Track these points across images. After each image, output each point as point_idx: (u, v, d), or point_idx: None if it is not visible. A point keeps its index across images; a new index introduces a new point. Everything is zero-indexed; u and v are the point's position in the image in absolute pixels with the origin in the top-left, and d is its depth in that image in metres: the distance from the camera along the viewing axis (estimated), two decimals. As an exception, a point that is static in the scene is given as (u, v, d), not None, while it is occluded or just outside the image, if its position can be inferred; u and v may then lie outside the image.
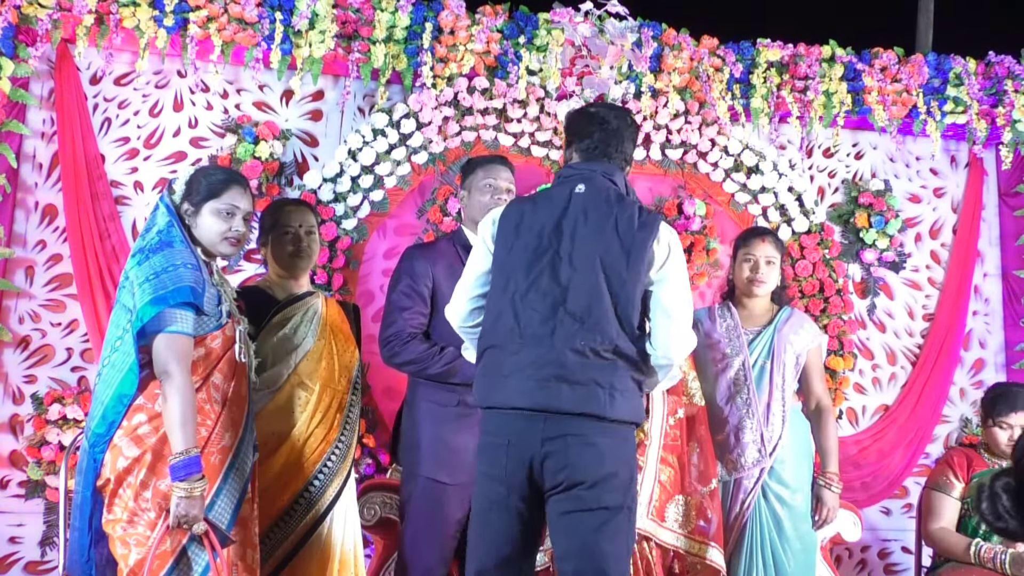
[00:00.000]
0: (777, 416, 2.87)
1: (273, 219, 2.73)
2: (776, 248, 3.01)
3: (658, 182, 4.08)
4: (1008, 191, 4.35)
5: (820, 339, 3.07)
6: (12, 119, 3.49)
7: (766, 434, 2.85)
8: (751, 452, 2.84)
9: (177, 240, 2.23)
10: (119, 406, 2.14)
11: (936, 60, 4.20)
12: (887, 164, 4.33)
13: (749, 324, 3.00)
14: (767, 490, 2.85)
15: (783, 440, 2.86)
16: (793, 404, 2.96)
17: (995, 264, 4.36)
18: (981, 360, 4.30)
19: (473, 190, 2.83)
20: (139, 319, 2.12)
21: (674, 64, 3.95)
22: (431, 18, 3.78)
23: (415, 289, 2.72)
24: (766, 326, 2.97)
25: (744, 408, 2.88)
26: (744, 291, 3.01)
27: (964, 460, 3.08)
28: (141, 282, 2.15)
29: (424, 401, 2.71)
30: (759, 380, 2.91)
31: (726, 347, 2.95)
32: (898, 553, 4.12)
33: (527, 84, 3.82)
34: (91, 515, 2.18)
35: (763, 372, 2.91)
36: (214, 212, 2.28)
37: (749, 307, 3.03)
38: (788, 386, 2.92)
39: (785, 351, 2.92)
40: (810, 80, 4.05)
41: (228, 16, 3.58)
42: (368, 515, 3.02)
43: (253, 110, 3.80)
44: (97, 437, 2.16)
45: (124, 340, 2.15)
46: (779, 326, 2.95)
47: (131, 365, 2.12)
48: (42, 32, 3.43)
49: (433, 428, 2.67)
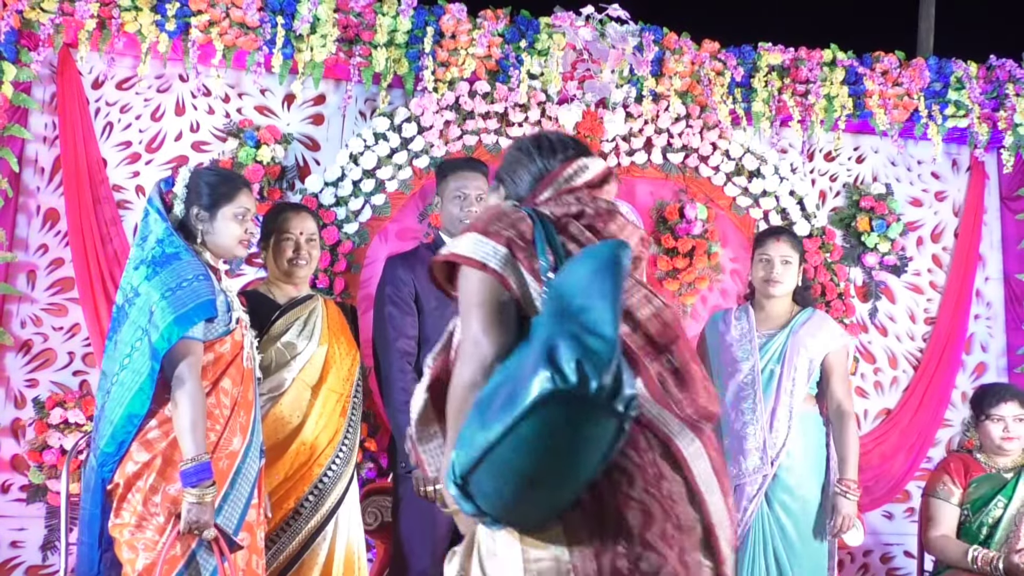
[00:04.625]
0: (783, 422, 2.82)
1: (274, 224, 2.73)
2: (793, 247, 2.96)
3: (659, 186, 4.08)
4: (1010, 195, 4.35)
5: (843, 340, 2.98)
6: (14, 123, 3.50)
7: (769, 440, 2.80)
8: (753, 458, 2.81)
9: (183, 250, 2.20)
10: (129, 426, 2.12)
11: (937, 64, 4.20)
12: (888, 168, 4.32)
13: (765, 326, 2.95)
14: (771, 497, 2.82)
15: (789, 447, 2.82)
16: (807, 409, 2.90)
17: (997, 268, 4.36)
18: (983, 364, 4.30)
19: (444, 198, 2.78)
20: (165, 339, 2.08)
21: (675, 68, 3.95)
22: (432, 22, 3.78)
23: (400, 296, 2.72)
24: (781, 329, 2.92)
25: (749, 413, 2.84)
26: (761, 292, 2.97)
27: (961, 466, 3.07)
28: (157, 300, 2.11)
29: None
30: (767, 385, 2.86)
31: (737, 351, 2.91)
32: (900, 557, 4.11)
33: (528, 88, 3.83)
34: (100, 531, 2.18)
35: (772, 377, 2.87)
36: (231, 217, 2.27)
37: (767, 308, 2.98)
38: (798, 391, 2.86)
39: (798, 355, 2.86)
40: (811, 84, 4.05)
41: (230, 20, 3.59)
42: (370, 519, 3.02)
43: (255, 114, 3.81)
44: (106, 456, 2.14)
45: (134, 359, 2.13)
46: (795, 328, 2.90)
47: (142, 384, 2.10)
48: (44, 36, 3.43)
49: None
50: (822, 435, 2.91)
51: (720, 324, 3.00)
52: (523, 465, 1.15)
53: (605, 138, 3.92)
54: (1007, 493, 2.97)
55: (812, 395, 2.94)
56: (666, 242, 3.96)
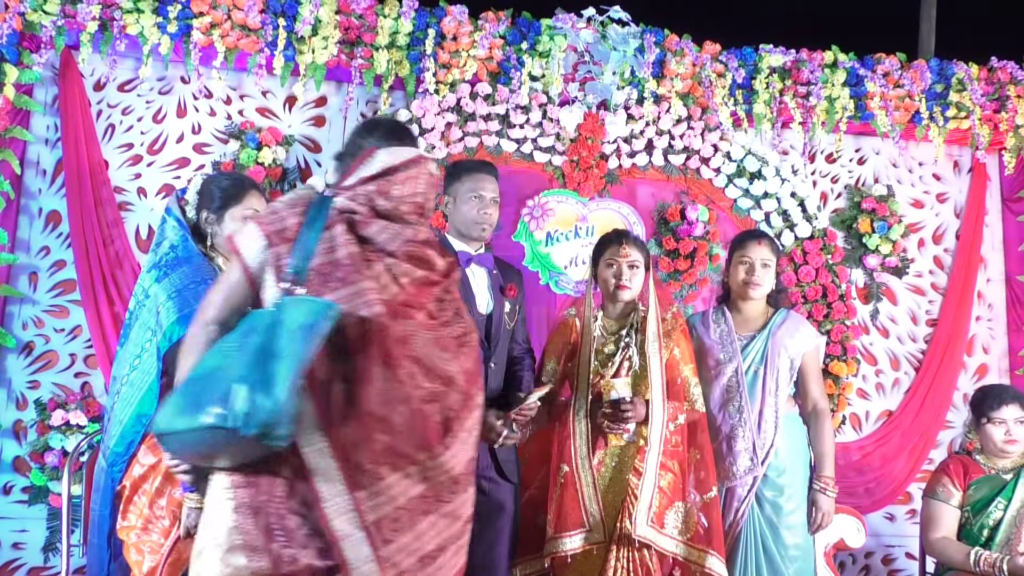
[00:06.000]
0: (770, 423, 2.84)
1: None
2: (772, 251, 2.98)
3: (661, 188, 4.08)
4: (1011, 196, 4.35)
5: (817, 341, 3.03)
6: (16, 125, 3.51)
7: (758, 442, 2.82)
8: (743, 460, 2.82)
9: (194, 254, 2.23)
10: (138, 425, 2.14)
11: (939, 65, 4.20)
12: (890, 169, 4.32)
13: (743, 328, 2.97)
14: (762, 497, 2.83)
15: (777, 447, 2.83)
16: (789, 409, 2.92)
17: (998, 269, 4.36)
18: (985, 365, 4.29)
19: (459, 199, 2.76)
20: (167, 339, 2.12)
21: (676, 70, 3.96)
22: (434, 24, 3.78)
23: None
24: (760, 330, 2.94)
25: (736, 415, 2.85)
26: (739, 294, 2.99)
27: (960, 468, 3.06)
28: (164, 300, 2.15)
29: None
30: (752, 386, 2.87)
31: (719, 353, 2.92)
32: (902, 559, 4.10)
33: (530, 90, 3.83)
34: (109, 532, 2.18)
35: (756, 378, 2.88)
36: (239, 218, 2.28)
37: (744, 311, 2.99)
38: (782, 391, 2.88)
39: (779, 356, 2.88)
40: (813, 85, 4.05)
41: (231, 22, 3.59)
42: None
43: (256, 116, 3.81)
44: (116, 456, 2.16)
45: (143, 359, 2.15)
46: (773, 330, 2.92)
47: (151, 384, 2.12)
48: (46, 39, 3.44)
49: None
50: (803, 434, 2.94)
51: (699, 327, 3.00)
52: (194, 449, 1.54)
53: (606, 140, 3.92)
54: (1007, 495, 2.96)
55: (792, 396, 2.96)
56: (667, 244, 3.97)
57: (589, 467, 2.65)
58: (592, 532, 2.59)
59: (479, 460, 2.62)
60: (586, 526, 2.60)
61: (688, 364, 2.78)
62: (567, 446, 2.68)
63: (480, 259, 2.75)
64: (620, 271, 2.77)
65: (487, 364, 2.69)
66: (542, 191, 3.94)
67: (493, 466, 2.65)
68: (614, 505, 2.64)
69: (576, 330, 2.84)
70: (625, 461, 2.69)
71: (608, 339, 2.81)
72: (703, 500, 2.70)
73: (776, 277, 3.00)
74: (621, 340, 2.77)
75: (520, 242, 3.92)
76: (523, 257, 3.90)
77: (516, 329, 2.79)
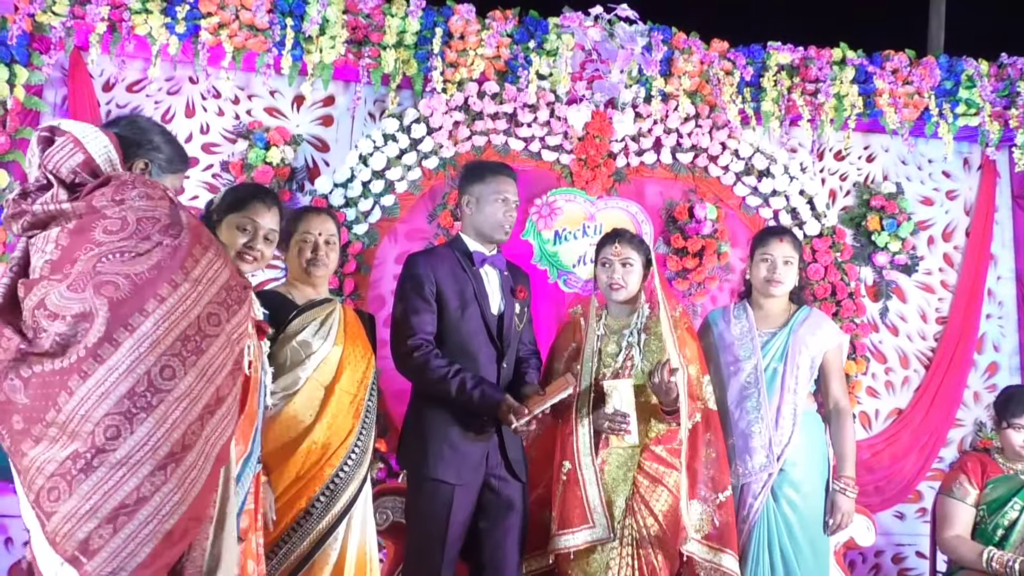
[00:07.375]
0: (787, 420, 2.83)
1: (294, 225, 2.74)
2: (794, 248, 2.98)
3: (669, 186, 4.07)
4: (1021, 193, 4.33)
5: (840, 339, 3.01)
6: (26, 126, 3.51)
7: (775, 439, 2.81)
8: (759, 457, 2.81)
9: None
10: None
11: (948, 62, 4.18)
12: (899, 167, 4.31)
13: (765, 325, 2.96)
14: (777, 494, 2.82)
15: (793, 444, 2.83)
16: (808, 406, 2.92)
17: (1009, 267, 4.34)
18: (995, 364, 4.28)
19: (483, 200, 2.75)
20: None
21: (684, 68, 3.95)
22: (441, 23, 3.78)
23: (422, 293, 2.72)
24: (782, 327, 2.93)
25: (754, 412, 2.84)
26: (761, 291, 2.98)
27: (978, 466, 3.06)
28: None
29: (429, 401, 2.70)
30: (771, 384, 2.87)
31: (739, 350, 2.92)
32: (912, 558, 4.09)
33: (537, 89, 3.83)
34: None
35: (775, 375, 2.87)
36: (232, 225, 2.29)
37: (766, 307, 2.99)
38: (801, 389, 2.87)
39: (800, 353, 2.88)
40: (821, 83, 4.04)
41: (239, 22, 3.60)
42: (380, 519, 3.03)
43: (264, 116, 3.82)
44: None
45: None
46: (795, 327, 2.91)
47: None
48: (55, 40, 3.45)
49: (438, 428, 2.67)
50: (822, 432, 2.93)
51: (719, 323, 3.00)
52: None
53: (614, 138, 3.92)
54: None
55: (812, 393, 2.95)
56: (676, 242, 3.96)
57: (592, 465, 2.65)
58: (596, 529, 2.59)
59: (489, 458, 2.67)
60: (589, 523, 2.60)
61: (694, 364, 2.77)
62: (569, 443, 2.68)
63: (494, 260, 2.76)
64: (613, 270, 2.78)
65: (499, 365, 2.70)
66: (550, 190, 3.94)
67: (503, 464, 2.66)
68: (618, 503, 2.64)
69: (581, 329, 2.85)
70: (629, 459, 2.68)
71: (610, 338, 2.81)
72: (718, 498, 2.69)
73: (799, 273, 2.99)
74: (624, 340, 2.77)
75: (528, 241, 3.92)
76: (531, 256, 3.89)
77: (523, 330, 2.80)
